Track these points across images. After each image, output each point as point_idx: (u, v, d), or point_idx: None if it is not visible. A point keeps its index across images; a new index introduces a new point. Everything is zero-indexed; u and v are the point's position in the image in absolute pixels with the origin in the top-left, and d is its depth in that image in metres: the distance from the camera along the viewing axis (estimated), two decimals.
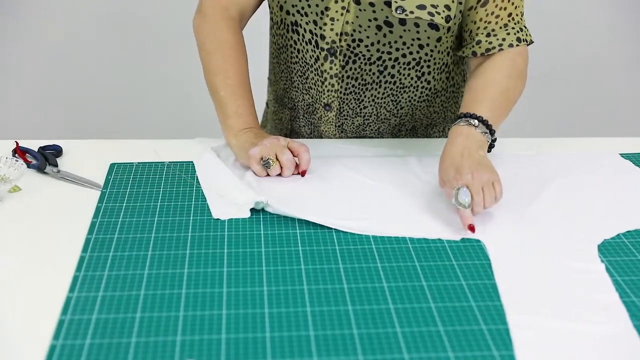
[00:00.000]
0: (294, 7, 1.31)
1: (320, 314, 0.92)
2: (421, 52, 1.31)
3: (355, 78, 1.35)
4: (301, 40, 1.34)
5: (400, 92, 1.38)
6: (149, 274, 1.00)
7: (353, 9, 1.26)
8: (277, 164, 1.24)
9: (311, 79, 1.38)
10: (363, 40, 1.29)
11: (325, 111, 1.41)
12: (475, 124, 1.19)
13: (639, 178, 1.29)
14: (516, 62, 1.29)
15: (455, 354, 0.86)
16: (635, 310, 0.94)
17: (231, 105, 1.31)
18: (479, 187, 1.11)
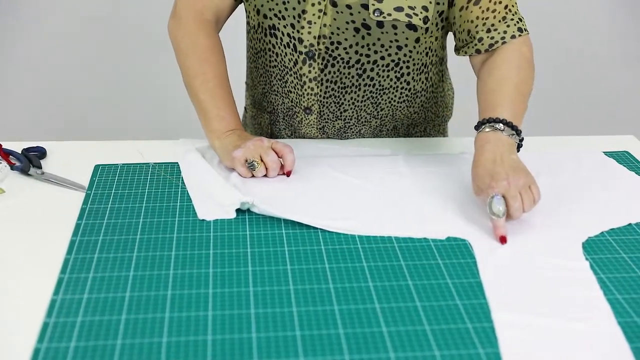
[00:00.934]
0: (271, 11, 1.30)
1: (306, 314, 0.92)
2: (399, 53, 1.31)
3: (334, 82, 1.34)
4: (279, 44, 1.33)
5: (380, 94, 1.38)
6: (134, 275, 1.00)
7: (330, 11, 1.26)
8: (262, 165, 1.24)
9: (290, 82, 1.37)
10: (341, 42, 1.29)
11: (306, 114, 1.40)
12: (501, 127, 1.16)
13: (622, 176, 1.30)
14: (523, 52, 1.27)
15: (441, 353, 0.86)
16: (619, 307, 0.94)
17: (212, 108, 1.31)
18: (515, 193, 1.09)
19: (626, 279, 1.01)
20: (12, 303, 0.93)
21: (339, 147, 1.40)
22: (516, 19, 1.28)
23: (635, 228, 1.13)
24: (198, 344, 0.87)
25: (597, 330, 0.90)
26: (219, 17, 1.38)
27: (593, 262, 1.04)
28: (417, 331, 0.89)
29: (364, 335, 0.89)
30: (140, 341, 0.87)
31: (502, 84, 1.22)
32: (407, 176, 1.28)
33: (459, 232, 1.11)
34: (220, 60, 1.35)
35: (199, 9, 1.36)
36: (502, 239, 1.08)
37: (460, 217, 1.15)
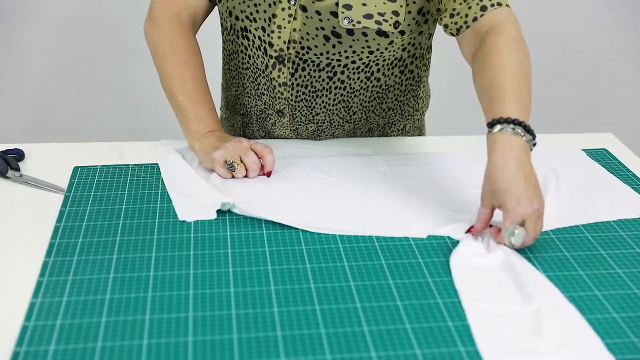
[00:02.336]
0: (243, 13, 1.29)
1: (287, 314, 0.92)
2: (371, 56, 1.30)
3: (305, 85, 1.34)
4: (251, 46, 1.33)
5: (351, 96, 1.37)
6: (114, 277, 0.99)
7: (300, 16, 1.25)
8: (242, 166, 1.24)
9: (263, 85, 1.36)
10: (312, 48, 1.28)
11: (279, 117, 1.40)
12: (522, 132, 1.06)
13: (600, 174, 1.31)
14: (508, 32, 1.18)
15: (422, 351, 0.86)
16: (598, 304, 0.95)
17: (190, 110, 1.30)
18: (537, 223, 1.04)
19: (604, 276, 1.01)
20: None
21: (319, 147, 1.40)
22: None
23: (613, 225, 1.14)
24: (179, 346, 0.86)
25: (553, 308, 0.94)
26: (195, 18, 1.38)
27: (572, 258, 1.05)
28: (398, 330, 0.90)
29: (345, 334, 0.89)
30: (121, 344, 0.86)
31: (502, 75, 1.13)
32: (387, 175, 1.28)
33: (439, 230, 1.11)
34: (197, 61, 1.34)
35: (175, 10, 1.35)
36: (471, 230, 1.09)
37: (441, 215, 1.15)
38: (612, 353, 0.86)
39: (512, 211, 1.02)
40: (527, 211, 1.02)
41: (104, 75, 2.73)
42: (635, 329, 0.90)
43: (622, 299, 0.96)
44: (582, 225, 1.14)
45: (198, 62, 1.34)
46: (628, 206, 1.20)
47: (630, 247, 1.08)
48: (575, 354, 0.86)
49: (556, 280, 1.00)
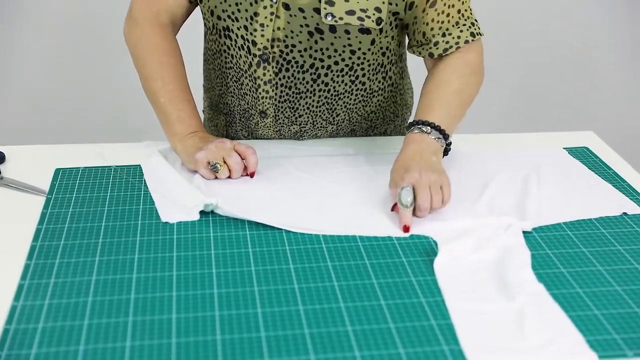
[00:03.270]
0: (225, 12, 1.29)
1: (271, 315, 0.92)
2: (353, 57, 1.30)
3: (289, 86, 1.34)
4: (234, 46, 1.32)
5: (335, 99, 1.37)
6: (96, 280, 0.98)
7: (283, 14, 1.25)
8: (225, 167, 1.23)
9: (246, 84, 1.36)
10: (295, 45, 1.28)
11: (262, 118, 1.39)
12: (428, 130, 1.20)
13: (581, 172, 1.32)
14: (468, 59, 1.30)
15: (406, 350, 0.86)
16: (580, 301, 0.96)
17: (172, 111, 1.30)
18: (425, 186, 1.12)
19: (586, 273, 1.02)
20: None
21: (303, 148, 1.40)
22: (469, 24, 1.30)
23: (595, 223, 1.15)
24: (162, 347, 0.86)
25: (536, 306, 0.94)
26: (175, 19, 1.38)
27: (553, 256, 1.06)
28: (381, 329, 0.90)
29: (329, 334, 0.89)
30: (104, 346, 0.86)
31: (440, 89, 1.27)
32: (371, 175, 1.28)
33: (422, 229, 1.11)
34: (178, 62, 1.34)
35: (154, 11, 1.35)
36: (405, 229, 1.10)
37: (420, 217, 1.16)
38: (594, 350, 0.87)
39: (400, 178, 1.14)
40: (413, 177, 1.13)
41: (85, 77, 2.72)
42: (616, 326, 0.91)
43: (603, 296, 0.97)
44: (564, 223, 1.15)
45: (179, 62, 1.34)
46: (609, 204, 1.21)
47: (612, 244, 1.09)
48: (557, 351, 0.87)
49: (538, 278, 1.00)
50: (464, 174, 1.29)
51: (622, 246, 1.09)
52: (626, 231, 1.13)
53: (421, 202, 1.12)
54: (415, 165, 1.15)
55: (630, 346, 0.88)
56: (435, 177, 1.13)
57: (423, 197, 1.11)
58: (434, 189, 1.13)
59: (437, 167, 1.16)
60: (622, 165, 1.35)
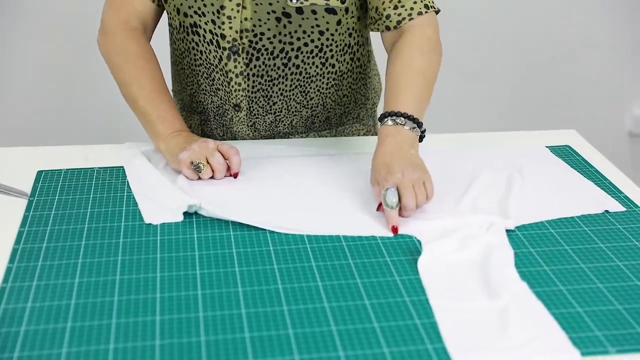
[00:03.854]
0: (191, 9, 1.30)
1: (255, 316, 0.92)
2: (322, 38, 1.32)
3: (260, 75, 1.34)
4: (203, 42, 1.33)
5: (308, 82, 1.38)
6: (79, 282, 0.98)
7: (249, 4, 1.26)
8: (208, 167, 1.23)
9: (217, 79, 1.37)
10: (264, 33, 1.29)
11: (236, 112, 1.40)
12: (402, 122, 1.20)
13: (563, 170, 1.33)
14: (427, 34, 1.29)
15: (390, 350, 0.87)
16: (563, 299, 0.96)
17: (153, 112, 1.30)
18: (409, 185, 1.13)
19: (569, 271, 1.03)
20: None
21: (286, 148, 1.40)
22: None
23: (577, 220, 1.16)
24: (146, 350, 0.86)
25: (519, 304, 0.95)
26: (146, 23, 1.38)
27: (536, 254, 1.06)
28: (366, 329, 0.90)
29: (313, 334, 0.89)
30: (87, 349, 0.86)
31: (406, 71, 1.26)
32: (354, 175, 1.28)
33: (406, 229, 1.11)
34: (154, 65, 1.35)
35: (124, 19, 1.35)
36: (394, 230, 1.11)
37: None
38: (577, 347, 0.87)
39: (384, 179, 1.14)
40: (396, 178, 1.12)
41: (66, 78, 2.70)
42: (599, 323, 0.92)
43: (586, 293, 0.98)
44: (547, 221, 1.15)
45: (154, 65, 1.35)
46: (591, 202, 1.21)
47: (594, 242, 1.10)
48: (540, 348, 0.87)
49: (522, 276, 1.01)
50: (447, 172, 1.29)
51: (604, 244, 1.09)
52: (608, 229, 1.13)
53: (407, 203, 1.12)
54: (396, 163, 1.15)
55: (613, 343, 0.88)
56: (417, 175, 1.14)
57: (408, 198, 1.12)
58: (417, 187, 1.13)
59: (417, 162, 1.17)
60: (604, 164, 1.36)
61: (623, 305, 0.95)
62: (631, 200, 1.22)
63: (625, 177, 1.31)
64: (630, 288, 0.99)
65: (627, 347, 0.88)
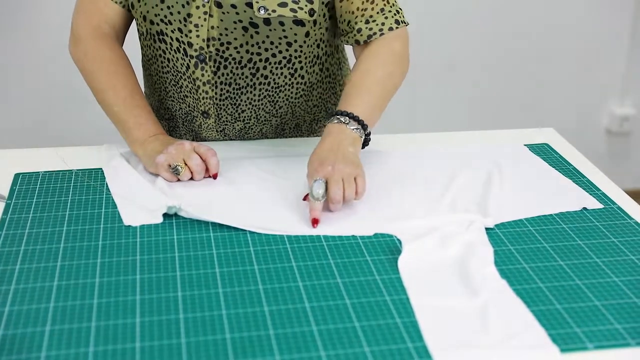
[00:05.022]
0: (157, 17, 1.28)
1: (236, 317, 0.92)
2: (290, 49, 1.31)
3: (228, 83, 1.33)
4: (169, 49, 1.32)
5: (276, 91, 1.37)
6: (58, 285, 0.97)
7: (216, 13, 1.25)
8: (187, 169, 1.23)
9: (185, 87, 1.36)
10: (231, 42, 1.28)
11: (204, 119, 1.39)
12: (346, 121, 1.20)
13: (541, 168, 1.34)
14: (393, 46, 1.30)
15: (371, 349, 0.87)
16: (542, 296, 0.97)
17: (129, 117, 1.29)
18: (338, 179, 1.13)
19: (548, 268, 1.03)
20: None
21: (265, 148, 1.39)
22: (394, 11, 1.30)
23: (555, 218, 1.17)
24: (126, 352, 0.85)
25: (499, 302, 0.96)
26: (117, 28, 1.37)
27: (516, 252, 1.07)
28: (347, 328, 0.90)
29: (294, 335, 0.89)
30: (66, 352, 0.85)
31: (364, 78, 1.27)
32: None
33: (385, 228, 1.12)
34: (127, 70, 1.34)
35: (95, 25, 1.34)
36: (314, 222, 1.11)
37: (387, 213, 1.16)
38: (556, 343, 0.88)
39: (314, 171, 1.15)
40: (326, 170, 1.13)
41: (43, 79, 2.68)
42: (577, 320, 0.92)
43: (564, 290, 0.98)
44: (526, 219, 1.16)
45: (128, 70, 1.34)
46: (569, 199, 1.22)
47: (572, 239, 1.11)
48: (520, 345, 0.88)
49: (501, 274, 1.01)
50: (427, 171, 1.30)
51: (582, 241, 1.10)
52: (586, 226, 1.14)
53: (333, 195, 1.12)
54: (330, 157, 1.15)
55: (591, 339, 0.89)
56: (349, 170, 1.14)
57: (334, 189, 1.12)
58: (347, 181, 1.13)
59: (352, 159, 1.17)
60: (582, 162, 1.37)
61: (601, 301, 0.96)
62: (608, 198, 1.23)
63: (603, 174, 1.32)
64: (608, 284, 1.00)
65: (605, 343, 0.89)
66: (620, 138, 3.05)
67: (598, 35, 2.86)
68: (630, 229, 1.14)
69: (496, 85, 2.86)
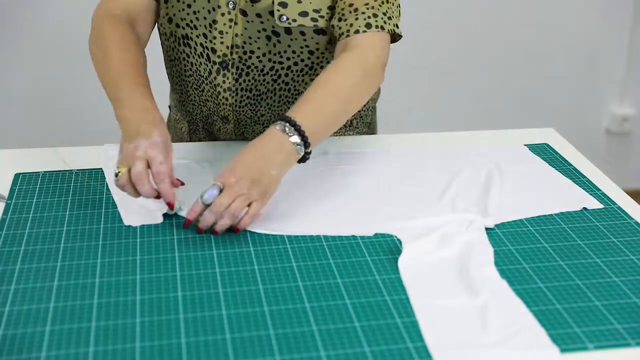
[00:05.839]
0: (183, 20, 1.27)
1: (236, 317, 0.92)
2: (312, 57, 1.29)
3: (249, 89, 1.32)
4: (193, 54, 1.30)
5: (297, 97, 1.34)
6: (58, 285, 0.97)
7: (241, 20, 1.24)
8: (126, 175, 1.09)
9: (207, 91, 1.34)
10: (254, 51, 1.27)
11: (223, 123, 1.38)
12: (290, 132, 1.08)
13: (541, 169, 1.34)
14: (365, 58, 1.19)
15: (371, 349, 0.87)
16: (542, 296, 0.97)
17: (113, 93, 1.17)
18: (234, 194, 1.05)
19: (548, 268, 1.03)
20: None
21: None
22: (370, 14, 1.20)
23: (555, 218, 1.17)
24: (126, 352, 0.85)
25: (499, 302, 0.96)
26: (132, 15, 1.29)
27: (516, 252, 1.07)
28: (347, 328, 0.90)
29: (294, 335, 0.89)
30: (66, 352, 0.85)
31: (327, 85, 1.15)
32: (335, 174, 1.28)
33: (386, 228, 1.12)
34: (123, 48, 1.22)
35: (107, 9, 1.29)
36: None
37: (387, 213, 1.16)
38: (556, 343, 0.88)
39: (221, 174, 1.06)
40: (227, 180, 1.05)
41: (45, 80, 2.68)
42: (577, 320, 0.92)
43: (564, 290, 0.98)
44: (526, 219, 1.16)
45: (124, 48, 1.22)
46: (569, 199, 1.22)
47: (572, 239, 1.11)
48: (520, 345, 0.88)
49: (501, 274, 1.01)
50: (426, 171, 1.30)
51: (582, 241, 1.10)
52: (586, 226, 1.14)
53: (217, 202, 1.04)
54: (246, 170, 1.06)
55: (591, 339, 0.89)
56: (253, 193, 1.06)
57: (223, 199, 1.04)
58: (240, 201, 1.05)
59: (266, 183, 1.07)
60: (582, 162, 1.37)
61: (601, 301, 0.96)
62: (608, 197, 1.23)
63: (603, 174, 1.32)
64: (608, 285, 1.00)
65: (606, 344, 0.89)
66: (621, 138, 3.05)
67: (598, 35, 2.86)
68: (631, 229, 1.14)
69: (496, 84, 2.86)
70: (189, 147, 1.38)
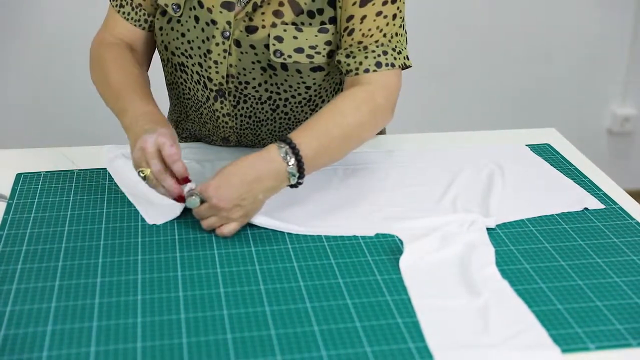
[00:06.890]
0: (178, 49, 1.26)
1: (237, 317, 0.92)
2: (309, 91, 1.26)
3: (248, 116, 1.30)
4: (190, 80, 1.29)
5: (298, 125, 1.27)
6: (59, 285, 0.97)
7: (234, 51, 1.22)
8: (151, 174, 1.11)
9: (206, 114, 1.33)
10: (250, 82, 1.25)
11: (225, 143, 1.37)
12: (289, 158, 1.08)
13: (543, 169, 1.34)
14: (375, 97, 1.17)
15: (372, 349, 0.87)
16: (543, 296, 0.97)
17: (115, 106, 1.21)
18: (214, 210, 1.07)
19: (549, 268, 1.03)
20: None
21: None
22: (379, 52, 1.18)
23: (557, 218, 1.17)
24: (127, 352, 0.85)
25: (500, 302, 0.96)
26: (129, 43, 1.31)
27: (517, 252, 1.07)
28: (348, 328, 0.90)
29: (295, 334, 0.89)
30: (68, 351, 0.85)
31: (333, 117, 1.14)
32: (336, 175, 1.28)
33: (387, 228, 1.12)
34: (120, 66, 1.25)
35: (102, 38, 1.31)
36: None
37: (389, 213, 1.16)
38: (557, 344, 0.88)
39: (209, 184, 1.06)
40: (210, 197, 1.06)
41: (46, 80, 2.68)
42: (578, 320, 0.93)
43: (566, 290, 0.99)
44: (527, 219, 1.16)
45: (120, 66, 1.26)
46: (571, 199, 1.22)
47: (574, 239, 1.11)
48: (521, 345, 0.88)
49: (502, 274, 1.01)
50: (428, 171, 1.30)
51: (583, 241, 1.10)
52: (587, 226, 1.14)
53: (195, 214, 1.09)
54: (234, 189, 1.06)
55: (592, 339, 0.89)
56: (234, 214, 1.07)
57: (199, 214, 1.09)
58: (220, 218, 1.07)
59: (249, 207, 1.08)
60: (584, 162, 1.37)
61: (602, 302, 0.96)
62: (610, 198, 1.23)
63: (604, 174, 1.32)
64: (609, 285, 1.00)
65: (607, 344, 0.89)
66: (622, 138, 3.05)
67: (600, 35, 2.86)
68: (632, 229, 1.14)
69: (497, 85, 2.86)
70: (190, 147, 1.38)
